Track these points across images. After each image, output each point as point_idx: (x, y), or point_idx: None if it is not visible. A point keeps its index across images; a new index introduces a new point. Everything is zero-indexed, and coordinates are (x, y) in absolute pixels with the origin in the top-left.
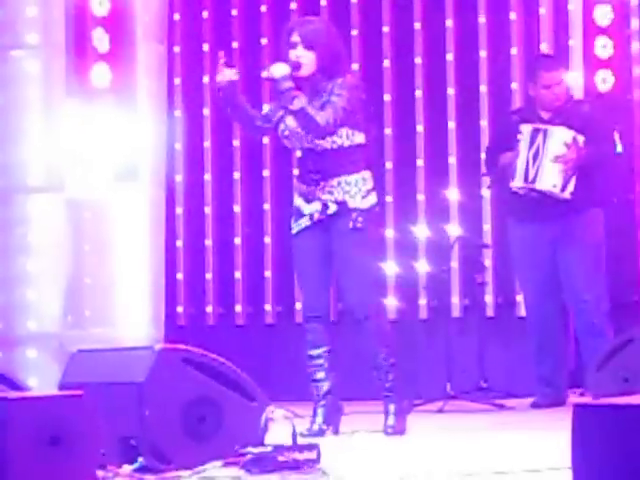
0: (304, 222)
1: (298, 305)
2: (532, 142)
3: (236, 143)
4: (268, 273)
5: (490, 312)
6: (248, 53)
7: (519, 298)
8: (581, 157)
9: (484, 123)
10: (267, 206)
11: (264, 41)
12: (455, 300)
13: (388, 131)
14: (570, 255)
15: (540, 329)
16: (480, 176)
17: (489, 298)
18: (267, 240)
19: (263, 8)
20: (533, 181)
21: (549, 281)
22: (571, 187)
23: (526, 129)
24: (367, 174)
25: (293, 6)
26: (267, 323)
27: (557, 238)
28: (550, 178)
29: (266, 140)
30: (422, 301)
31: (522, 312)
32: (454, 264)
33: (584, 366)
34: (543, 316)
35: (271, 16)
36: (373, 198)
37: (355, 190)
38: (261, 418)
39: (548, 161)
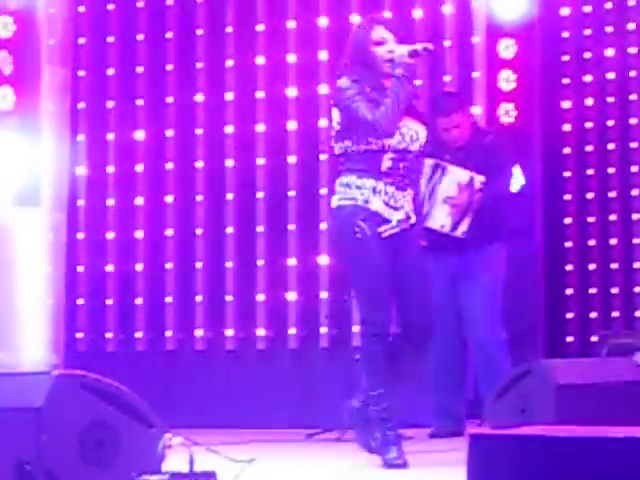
0: (387, 230)
1: (198, 332)
2: (431, 177)
3: (139, 168)
4: (169, 299)
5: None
6: (153, 78)
7: None
8: (473, 201)
9: None
10: (170, 232)
11: (170, 67)
12: (356, 329)
13: (292, 159)
14: (468, 288)
15: (439, 360)
16: None
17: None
18: (169, 266)
19: (169, 34)
20: (425, 218)
21: (448, 314)
22: (463, 227)
23: (428, 163)
24: None
25: (199, 32)
26: (168, 349)
27: (456, 271)
28: (439, 218)
29: (170, 166)
30: (323, 330)
31: None
32: None
33: (482, 397)
34: (442, 347)
35: (177, 42)
36: None
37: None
38: (159, 445)
39: (440, 200)
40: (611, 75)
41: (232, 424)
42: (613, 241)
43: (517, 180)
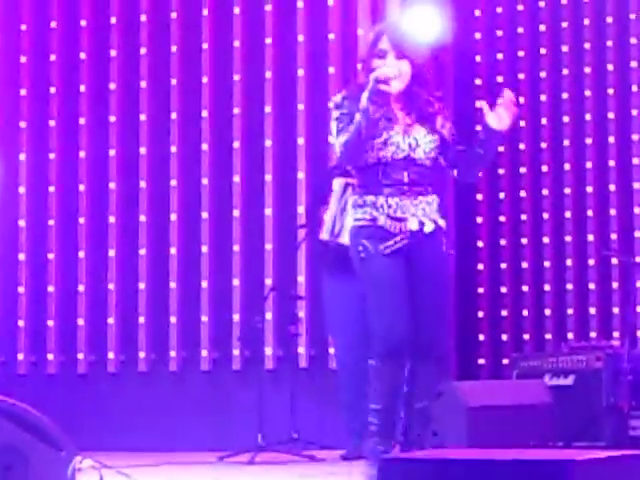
0: (392, 244)
1: (110, 355)
2: (342, 196)
3: (51, 189)
4: (81, 322)
5: (303, 363)
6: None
7: (332, 350)
8: None
9: (301, 176)
10: (82, 254)
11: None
12: (268, 351)
13: (205, 181)
14: None
15: (351, 382)
16: (296, 228)
17: (302, 350)
18: (81, 289)
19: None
20: (337, 235)
21: (360, 335)
22: None
23: (339, 182)
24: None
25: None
26: (79, 372)
27: None
28: None
29: (82, 187)
30: (235, 352)
31: (334, 364)
32: (268, 315)
33: None
34: (354, 369)
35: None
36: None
37: (440, 209)
38: (68, 468)
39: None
40: (522, 99)
41: (144, 447)
42: (524, 264)
43: None
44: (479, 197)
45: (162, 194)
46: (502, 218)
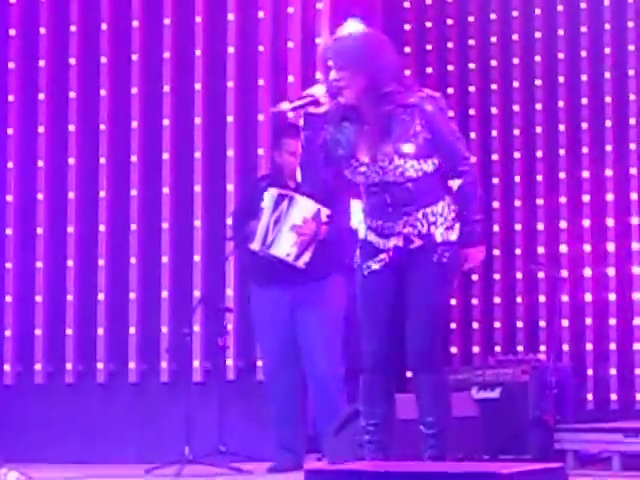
0: (379, 260)
1: (38, 366)
2: (276, 207)
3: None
4: (8, 333)
5: (231, 376)
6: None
7: (259, 363)
8: (319, 233)
9: (230, 187)
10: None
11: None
12: (196, 364)
13: (134, 192)
14: (307, 320)
15: (280, 394)
16: (225, 240)
17: (230, 362)
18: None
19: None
20: (269, 246)
21: (288, 346)
22: (306, 257)
23: (272, 192)
24: (449, 199)
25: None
26: (5, 384)
27: (295, 303)
28: (285, 246)
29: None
30: (164, 364)
31: (262, 377)
32: (196, 327)
33: (319, 432)
34: (283, 381)
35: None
36: (457, 230)
37: (441, 220)
38: None
39: (287, 229)
40: (451, 113)
41: (71, 459)
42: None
43: (356, 214)
44: None
45: (92, 204)
46: None
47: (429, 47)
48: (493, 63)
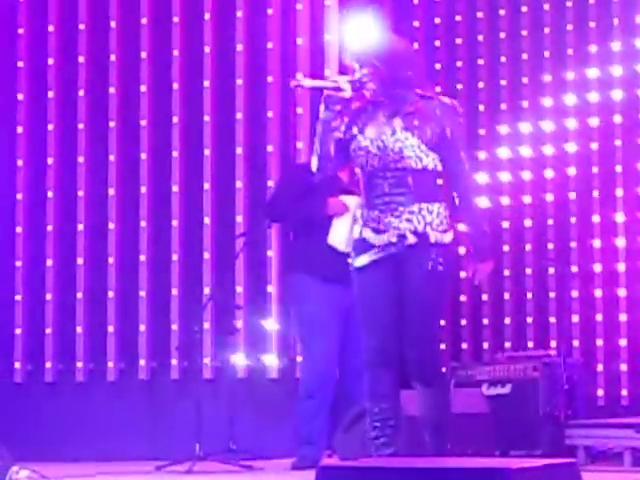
0: (373, 254)
1: (48, 364)
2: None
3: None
4: (18, 331)
5: (241, 374)
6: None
7: (267, 360)
8: None
9: (239, 184)
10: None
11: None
12: (207, 361)
13: (143, 189)
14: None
15: (324, 391)
16: (234, 237)
17: (240, 359)
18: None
19: (50, 61)
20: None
21: (339, 345)
22: None
23: (354, 199)
24: (445, 205)
25: (50, 62)
26: (16, 382)
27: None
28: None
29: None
30: (174, 361)
31: (273, 374)
32: (206, 325)
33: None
34: (330, 379)
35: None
36: (452, 234)
37: (437, 222)
38: (5, 478)
39: None
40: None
41: (82, 457)
42: (462, 274)
43: (335, 230)
44: None
45: (102, 202)
46: None
47: (437, 43)
48: (502, 59)
